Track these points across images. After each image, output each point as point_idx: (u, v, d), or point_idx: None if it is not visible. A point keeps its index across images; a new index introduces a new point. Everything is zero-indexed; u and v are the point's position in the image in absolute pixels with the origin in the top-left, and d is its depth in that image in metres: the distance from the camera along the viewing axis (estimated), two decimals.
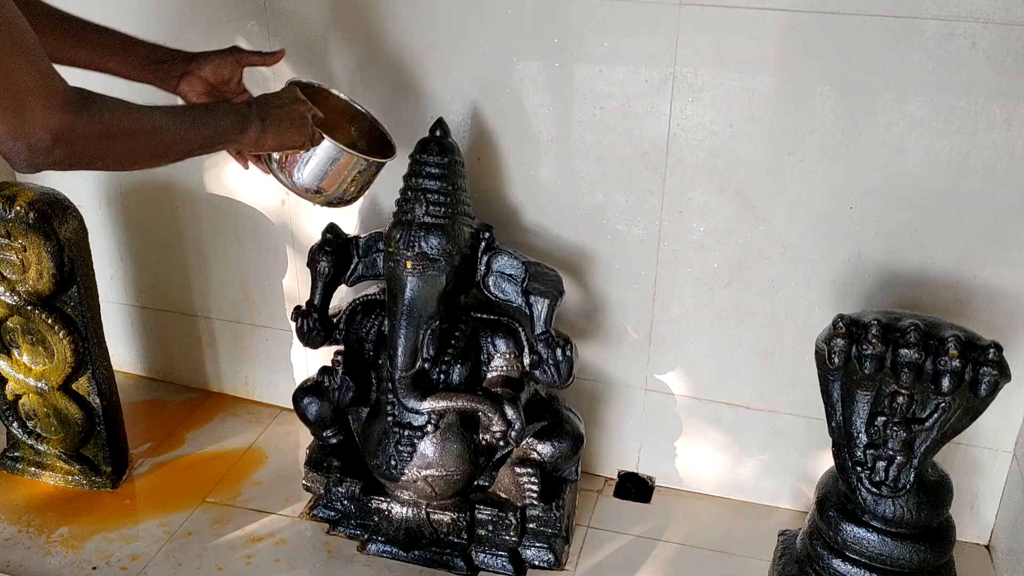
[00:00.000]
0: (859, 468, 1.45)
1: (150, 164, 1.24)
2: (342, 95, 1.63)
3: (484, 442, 1.66)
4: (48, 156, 1.06)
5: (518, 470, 1.70)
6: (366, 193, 1.62)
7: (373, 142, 1.66)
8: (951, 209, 1.57)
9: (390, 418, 1.68)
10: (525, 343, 1.67)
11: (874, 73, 1.51)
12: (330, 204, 1.57)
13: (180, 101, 1.48)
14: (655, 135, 1.67)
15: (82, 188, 2.15)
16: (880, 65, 1.51)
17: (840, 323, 1.38)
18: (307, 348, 1.81)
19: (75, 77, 1.16)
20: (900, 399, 1.38)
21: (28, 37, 1.05)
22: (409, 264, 1.57)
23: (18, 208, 1.73)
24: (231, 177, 2.04)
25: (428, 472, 1.67)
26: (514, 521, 1.73)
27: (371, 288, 1.81)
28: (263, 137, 1.32)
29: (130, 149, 1.16)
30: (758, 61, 1.57)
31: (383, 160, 1.56)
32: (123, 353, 2.38)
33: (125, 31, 1.45)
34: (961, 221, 1.58)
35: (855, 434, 1.44)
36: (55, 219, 1.75)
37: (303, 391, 1.83)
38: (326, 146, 1.44)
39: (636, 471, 2.03)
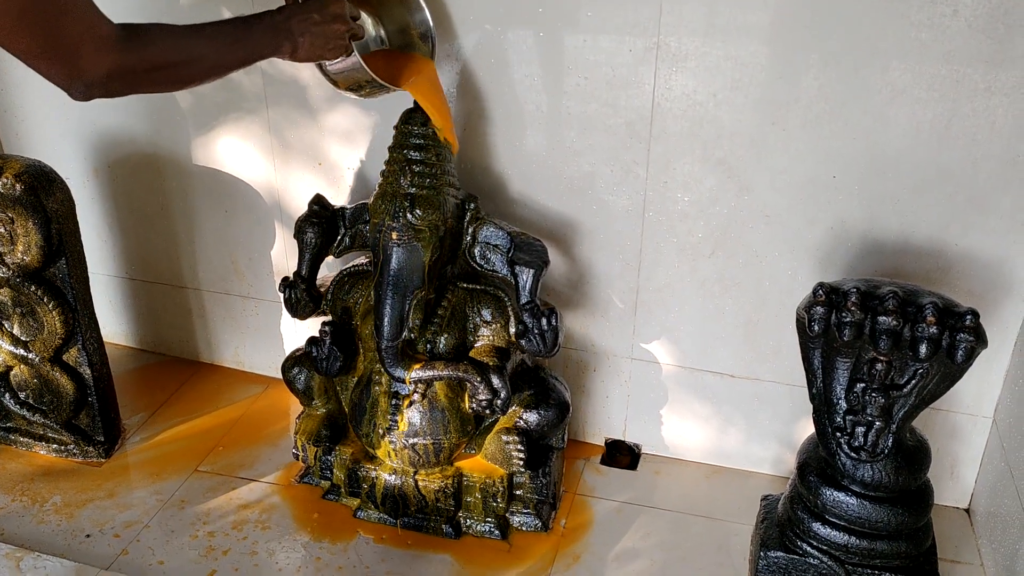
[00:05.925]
0: (839, 433, 1.47)
1: (195, 84, 1.32)
2: None
3: (471, 410, 1.68)
4: (103, 89, 1.17)
5: (505, 438, 1.72)
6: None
7: (417, 37, 1.66)
8: (933, 178, 1.58)
9: (377, 387, 1.70)
10: (511, 313, 1.69)
11: (857, 41, 1.51)
12: (344, 90, 1.60)
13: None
14: (639, 105, 1.67)
15: (69, 160, 2.15)
16: (863, 33, 1.50)
17: (820, 291, 1.40)
18: (295, 319, 1.83)
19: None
20: (879, 366, 1.40)
21: None
22: (394, 235, 1.58)
23: (4, 180, 1.73)
24: (219, 149, 2.04)
25: (415, 440, 1.69)
26: (501, 488, 1.75)
27: (358, 259, 1.82)
28: (297, 53, 1.37)
29: (177, 75, 1.26)
30: (741, 30, 1.57)
31: (398, 88, 1.57)
32: (113, 325, 2.39)
33: None
34: (943, 190, 1.59)
35: (835, 400, 1.46)
36: (42, 191, 1.75)
37: (292, 361, 1.85)
38: (354, 60, 1.48)
39: (623, 439, 2.05)
